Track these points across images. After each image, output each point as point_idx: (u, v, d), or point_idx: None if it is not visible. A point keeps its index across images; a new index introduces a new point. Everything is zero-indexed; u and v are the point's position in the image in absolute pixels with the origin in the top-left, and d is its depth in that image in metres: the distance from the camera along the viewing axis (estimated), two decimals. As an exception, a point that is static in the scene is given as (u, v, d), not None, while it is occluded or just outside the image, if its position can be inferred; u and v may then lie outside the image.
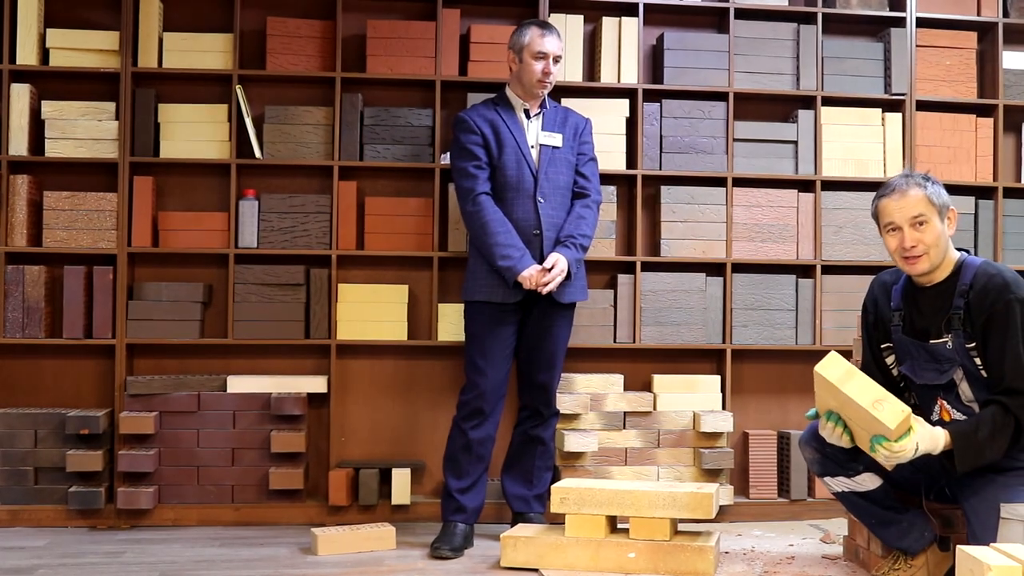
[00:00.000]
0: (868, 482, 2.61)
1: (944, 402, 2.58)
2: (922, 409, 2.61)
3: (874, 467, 2.53)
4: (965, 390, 2.54)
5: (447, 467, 3.23)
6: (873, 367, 2.67)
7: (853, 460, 2.58)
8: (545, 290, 3.12)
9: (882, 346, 2.68)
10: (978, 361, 2.50)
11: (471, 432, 3.19)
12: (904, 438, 2.33)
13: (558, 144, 3.26)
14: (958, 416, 2.53)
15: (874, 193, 3.71)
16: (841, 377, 2.39)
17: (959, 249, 2.60)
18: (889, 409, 2.31)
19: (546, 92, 3.28)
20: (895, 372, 2.67)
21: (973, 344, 2.49)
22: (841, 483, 2.64)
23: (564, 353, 3.33)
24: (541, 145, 3.25)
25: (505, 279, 3.14)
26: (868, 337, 2.70)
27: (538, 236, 3.19)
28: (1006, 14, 3.88)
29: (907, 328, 2.61)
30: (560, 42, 3.26)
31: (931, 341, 2.54)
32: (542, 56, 3.19)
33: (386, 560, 2.99)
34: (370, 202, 3.60)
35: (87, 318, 3.52)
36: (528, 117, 3.27)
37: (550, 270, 3.12)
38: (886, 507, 2.63)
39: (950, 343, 2.51)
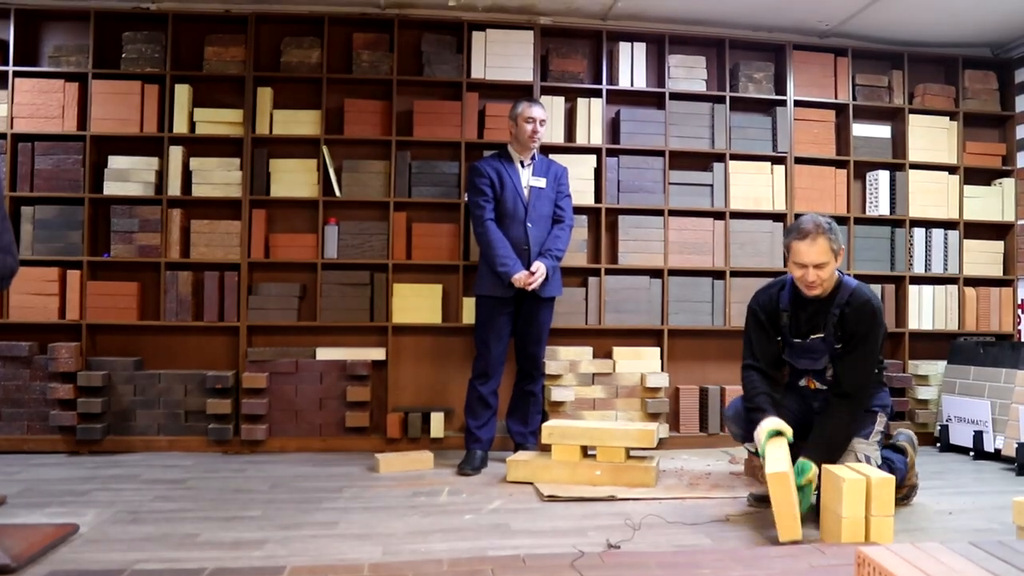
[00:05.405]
0: None
1: (812, 377, 2.66)
2: (795, 379, 2.71)
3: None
4: (828, 372, 2.61)
5: (467, 412, 3.38)
6: (761, 351, 2.61)
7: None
8: (530, 288, 3.22)
9: (777, 338, 2.65)
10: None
11: (480, 388, 3.32)
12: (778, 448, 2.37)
13: (543, 185, 3.35)
14: (820, 386, 2.60)
15: (768, 222, 3.91)
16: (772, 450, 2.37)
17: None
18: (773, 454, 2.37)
19: (535, 147, 3.34)
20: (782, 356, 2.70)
21: (840, 345, 2.52)
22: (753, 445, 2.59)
23: (548, 332, 3.44)
24: (531, 186, 3.32)
25: (502, 280, 3.24)
26: (762, 331, 2.62)
27: (527, 250, 3.28)
28: (854, 98, 4.10)
29: (792, 327, 2.60)
30: (544, 110, 3.34)
31: (811, 338, 2.56)
32: (531, 120, 3.30)
33: (426, 476, 3.14)
34: (416, 227, 3.74)
35: (220, 308, 3.66)
36: (523, 166, 3.36)
37: (534, 273, 3.22)
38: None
39: (824, 340, 2.53)
